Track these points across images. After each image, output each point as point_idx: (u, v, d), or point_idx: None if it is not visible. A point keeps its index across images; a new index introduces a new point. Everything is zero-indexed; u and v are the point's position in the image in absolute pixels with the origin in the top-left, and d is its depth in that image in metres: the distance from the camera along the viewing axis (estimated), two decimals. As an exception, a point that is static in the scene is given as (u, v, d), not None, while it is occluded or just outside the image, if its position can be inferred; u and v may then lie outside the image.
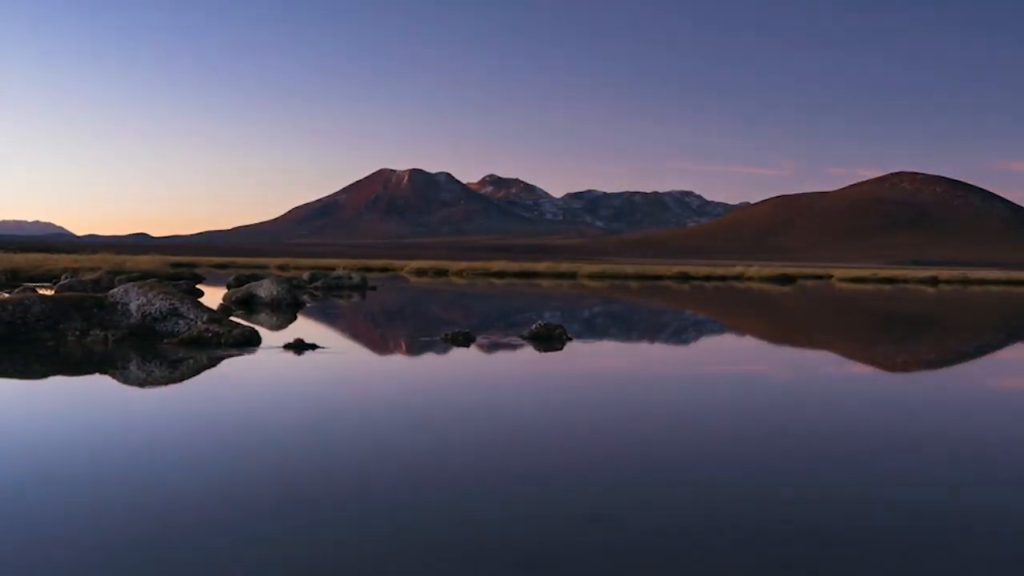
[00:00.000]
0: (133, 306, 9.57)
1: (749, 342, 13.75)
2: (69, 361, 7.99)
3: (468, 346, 9.84)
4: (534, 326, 10.89)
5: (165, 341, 9.13)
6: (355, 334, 12.58)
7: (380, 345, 11.12)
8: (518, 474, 4.19)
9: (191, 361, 8.00)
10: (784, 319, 19.63)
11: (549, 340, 10.45)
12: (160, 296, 9.69)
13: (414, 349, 10.10)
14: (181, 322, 9.47)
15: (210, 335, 9.14)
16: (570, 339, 10.59)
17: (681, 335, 14.42)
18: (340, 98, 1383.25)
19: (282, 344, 9.12)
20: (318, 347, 9.11)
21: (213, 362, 8.00)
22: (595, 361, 9.59)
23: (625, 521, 3.47)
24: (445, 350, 9.53)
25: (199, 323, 9.39)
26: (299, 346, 8.98)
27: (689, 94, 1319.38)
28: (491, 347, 9.95)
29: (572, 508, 3.61)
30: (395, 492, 3.78)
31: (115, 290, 10.04)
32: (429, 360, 9.09)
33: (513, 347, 9.94)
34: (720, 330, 16.14)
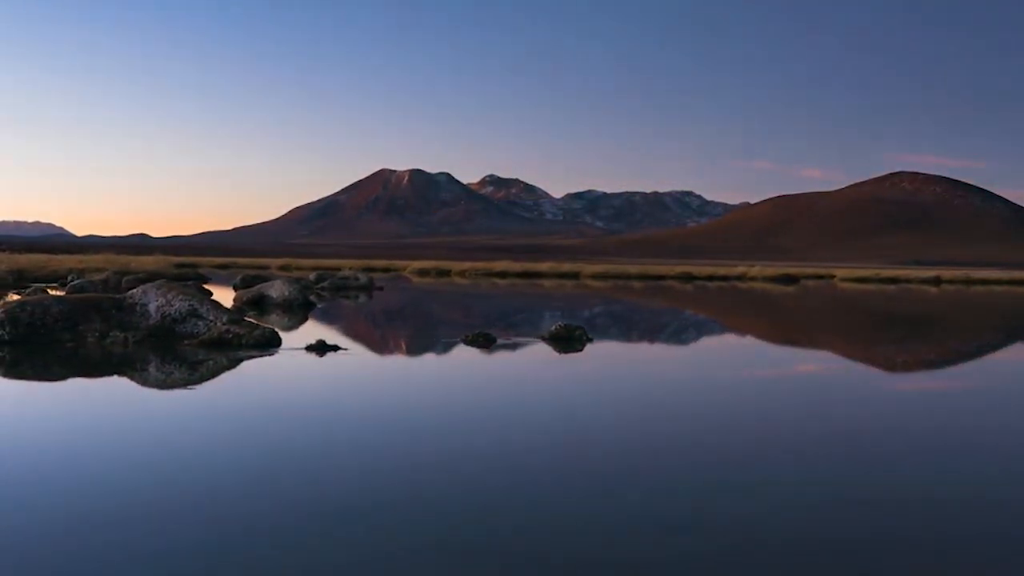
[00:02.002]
0: (152, 307, 9.51)
1: (765, 343, 13.70)
2: (90, 362, 7.92)
3: (489, 347, 9.78)
4: (553, 327, 10.83)
5: (185, 342, 9.08)
6: (373, 335, 12.54)
7: (401, 346, 11.07)
8: (556, 477, 4.13)
9: (212, 363, 7.95)
10: (796, 320, 19.58)
11: (569, 341, 10.40)
12: (179, 297, 9.63)
13: (436, 350, 10.04)
14: (200, 323, 9.41)
15: (231, 336, 9.09)
16: (590, 340, 10.54)
17: (697, 335, 14.37)
18: (340, 98, 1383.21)
19: (303, 345, 9.06)
20: (340, 348, 9.06)
21: (237, 364, 7.94)
22: (618, 362, 9.54)
23: (674, 527, 3.42)
24: (467, 351, 9.47)
25: (219, 324, 9.33)
26: (321, 347, 8.92)
27: (689, 94, 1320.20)
28: (513, 348, 9.90)
29: (617, 514, 3.56)
30: (439, 496, 3.72)
31: (133, 291, 9.98)
32: (453, 361, 9.03)
33: (535, 348, 9.89)
34: (736, 331, 16.08)
